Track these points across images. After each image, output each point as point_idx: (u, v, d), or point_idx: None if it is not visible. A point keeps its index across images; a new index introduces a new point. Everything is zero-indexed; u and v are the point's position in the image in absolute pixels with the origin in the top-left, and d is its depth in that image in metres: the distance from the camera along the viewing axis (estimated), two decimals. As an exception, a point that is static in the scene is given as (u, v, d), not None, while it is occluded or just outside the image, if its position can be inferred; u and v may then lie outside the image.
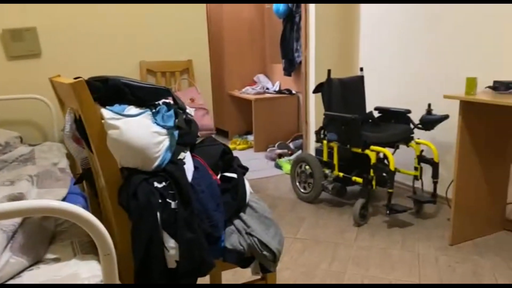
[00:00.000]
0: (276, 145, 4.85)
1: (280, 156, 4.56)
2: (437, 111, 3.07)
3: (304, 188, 3.41)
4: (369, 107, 3.50)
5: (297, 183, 3.47)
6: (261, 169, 4.33)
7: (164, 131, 1.33)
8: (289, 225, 2.94)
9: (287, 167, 4.18)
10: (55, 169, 2.23)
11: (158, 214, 1.28)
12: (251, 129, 5.34)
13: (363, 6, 3.83)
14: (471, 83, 2.37)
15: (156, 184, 1.30)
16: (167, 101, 1.42)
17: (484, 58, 2.84)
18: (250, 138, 5.39)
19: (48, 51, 3.13)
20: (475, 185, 2.57)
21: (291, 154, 4.59)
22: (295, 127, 5.16)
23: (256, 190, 3.68)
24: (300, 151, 4.56)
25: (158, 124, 1.34)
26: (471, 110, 2.43)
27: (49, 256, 1.35)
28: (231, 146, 5.24)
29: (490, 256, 2.44)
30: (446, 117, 2.85)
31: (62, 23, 3.14)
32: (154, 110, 1.36)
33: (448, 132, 3.11)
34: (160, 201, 1.29)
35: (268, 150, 4.82)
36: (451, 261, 2.40)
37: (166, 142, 1.34)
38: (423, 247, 2.58)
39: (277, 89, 5.34)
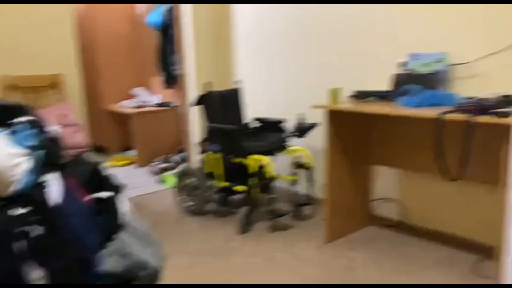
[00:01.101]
0: (159, 159, 4.75)
1: (164, 170, 4.47)
2: (310, 119, 3.29)
3: (190, 200, 3.38)
4: (249, 117, 3.62)
5: (182, 196, 3.44)
6: (144, 185, 4.19)
7: (23, 152, 1.22)
8: (175, 239, 2.89)
9: (171, 180, 4.11)
10: None
11: (19, 243, 1.17)
12: (132, 144, 5.16)
13: (237, 19, 3.96)
14: (335, 93, 2.59)
15: (14, 211, 1.18)
16: (25, 119, 1.31)
17: (347, 69, 3.13)
18: (131, 153, 5.20)
19: None
20: (345, 186, 2.81)
21: (175, 168, 4.52)
22: (178, 140, 5.11)
23: (140, 206, 3.55)
24: (184, 164, 4.52)
25: (16, 145, 1.22)
26: (337, 118, 2.65)
27: None
28: (111, 163, 5.00)
29: (361, 250, 2.68)
30: (316, 124, 3.07)
31: None
32: (10, 130, 1.24)
33: (320, 138, 3.35)
34: (21, 229, 1.17)
35: (151, 164, 4.70)
36: (328, 258, 2.58)
37: (26, 164, 1.23)
38: (303, 247, 2.73)
39: (157, 102, 5.24)
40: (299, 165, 3.15)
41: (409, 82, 2.52)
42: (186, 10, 3.94)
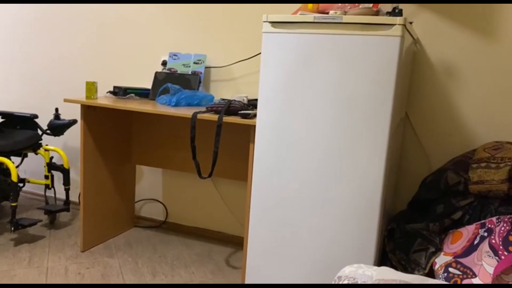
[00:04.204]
0: None
1: None
2: (67, 115, 2.98)
3: None
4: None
5: None
6: None
7: None
8: None
9: None
10: None
11: None
12: None
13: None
14: (91, 87, 2.38)
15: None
16: None
17: (104, 64, 2.94)
18: None
19: None
20: (103, 187, 2.62)
21: None
22: None
23: None
24: None
25: None
26: (93, 114, 2.45)
27: None
28: None
29: (119, 255, 2.53)
30: (74, 121, 2.79)
31: None
32: None
33: (78, 137, 3.08)
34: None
35: None
36: (81, 268, 2.35)
37: None
38: (53, 259, 2.42)
39: None
40: (54, 167, 2.81)
41: (169, 81, 2.50)
42: None
